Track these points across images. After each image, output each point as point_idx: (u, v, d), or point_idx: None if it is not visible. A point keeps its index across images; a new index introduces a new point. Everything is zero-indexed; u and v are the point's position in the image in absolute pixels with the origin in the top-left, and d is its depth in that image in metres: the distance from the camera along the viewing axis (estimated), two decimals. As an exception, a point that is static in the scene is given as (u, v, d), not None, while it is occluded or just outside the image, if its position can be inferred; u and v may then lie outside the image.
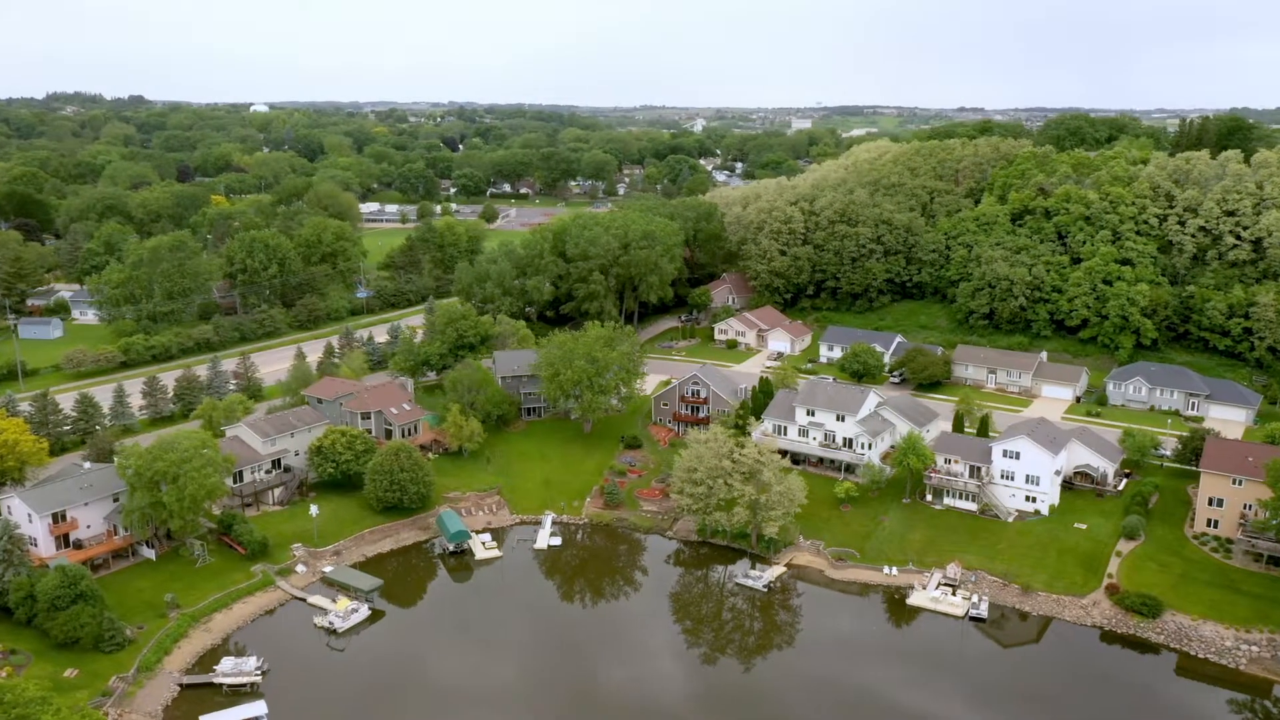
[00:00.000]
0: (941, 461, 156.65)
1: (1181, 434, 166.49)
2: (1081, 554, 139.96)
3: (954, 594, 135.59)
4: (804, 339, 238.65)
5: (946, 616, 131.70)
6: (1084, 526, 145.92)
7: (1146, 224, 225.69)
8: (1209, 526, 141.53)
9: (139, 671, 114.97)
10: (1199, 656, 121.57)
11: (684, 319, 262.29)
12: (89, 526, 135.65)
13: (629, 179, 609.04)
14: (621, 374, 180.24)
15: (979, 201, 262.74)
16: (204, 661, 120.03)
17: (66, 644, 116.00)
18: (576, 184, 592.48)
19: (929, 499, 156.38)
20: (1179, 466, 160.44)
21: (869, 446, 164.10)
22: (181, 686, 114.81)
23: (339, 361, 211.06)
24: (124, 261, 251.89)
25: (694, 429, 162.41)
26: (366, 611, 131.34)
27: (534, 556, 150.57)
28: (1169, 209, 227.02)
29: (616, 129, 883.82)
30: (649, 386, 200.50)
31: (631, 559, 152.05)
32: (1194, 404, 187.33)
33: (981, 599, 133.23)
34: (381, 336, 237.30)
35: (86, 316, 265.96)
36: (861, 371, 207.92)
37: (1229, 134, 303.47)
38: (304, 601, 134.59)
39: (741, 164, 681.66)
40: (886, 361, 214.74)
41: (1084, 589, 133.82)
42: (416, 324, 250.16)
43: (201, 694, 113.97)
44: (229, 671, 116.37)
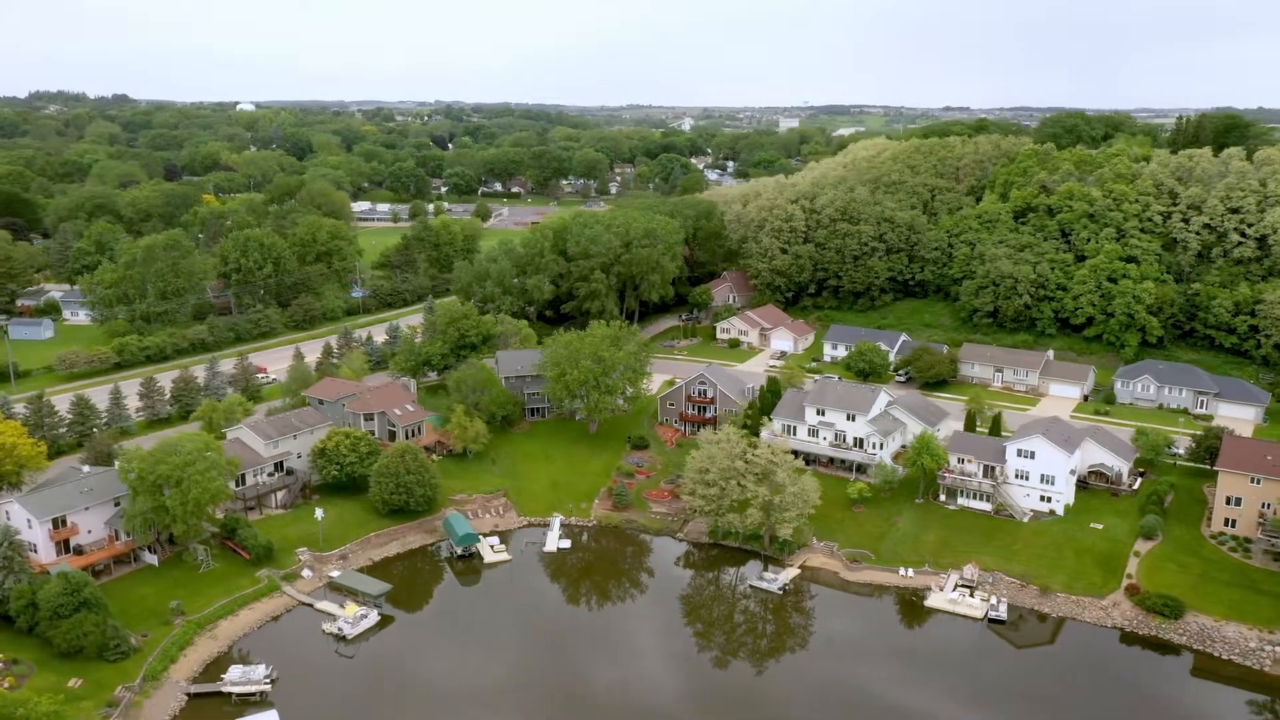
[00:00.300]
0: (955, 461, 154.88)
1: (1195, 433, 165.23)
2: (1099, 554, 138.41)
3: (972, 595, 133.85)
4: (807, 338, 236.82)
5: (965, 618, 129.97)
6: (1100, 526, 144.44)
7: (1150, 221, 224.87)
8: (1227, 526, 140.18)
9: (145, 681, 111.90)
10: (1222, 658, 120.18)
11: (684, 318, 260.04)
12: (90, 532, 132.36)
13: (620, 178, 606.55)
14: (628, 374, 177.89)
15: (980, 199, 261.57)
16: (211, 670, 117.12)
17: (70, 653, 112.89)
18: (568, 183, 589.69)
19: (942, 499, 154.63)
20: (1193, 465, 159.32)
21: (880, 446, 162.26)
22: (189, 696, 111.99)
23: (338, 362, 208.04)
24: (116, 261, 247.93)
25: (705, 429, 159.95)
26: (376, 617, 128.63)
27: (543, 559, 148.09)
28: (1173, 206, 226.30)
29: (604, 128, 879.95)
30: (653, 386, 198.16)
31: (643, 561, 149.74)
32: (1203, 402, 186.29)
33: (1000, 601, 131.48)
34: (379, 336, 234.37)
35: (78, 317, 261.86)
36: (867, 370, 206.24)
37: (1225, 131, 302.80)
38: (311, 607, 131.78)
39: (733, 163, 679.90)
40: (892, 360, 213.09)
41: (1103, 590, 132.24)
42: (414, 324, 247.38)
43: (210, 703, 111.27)
44: (237, 680, 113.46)
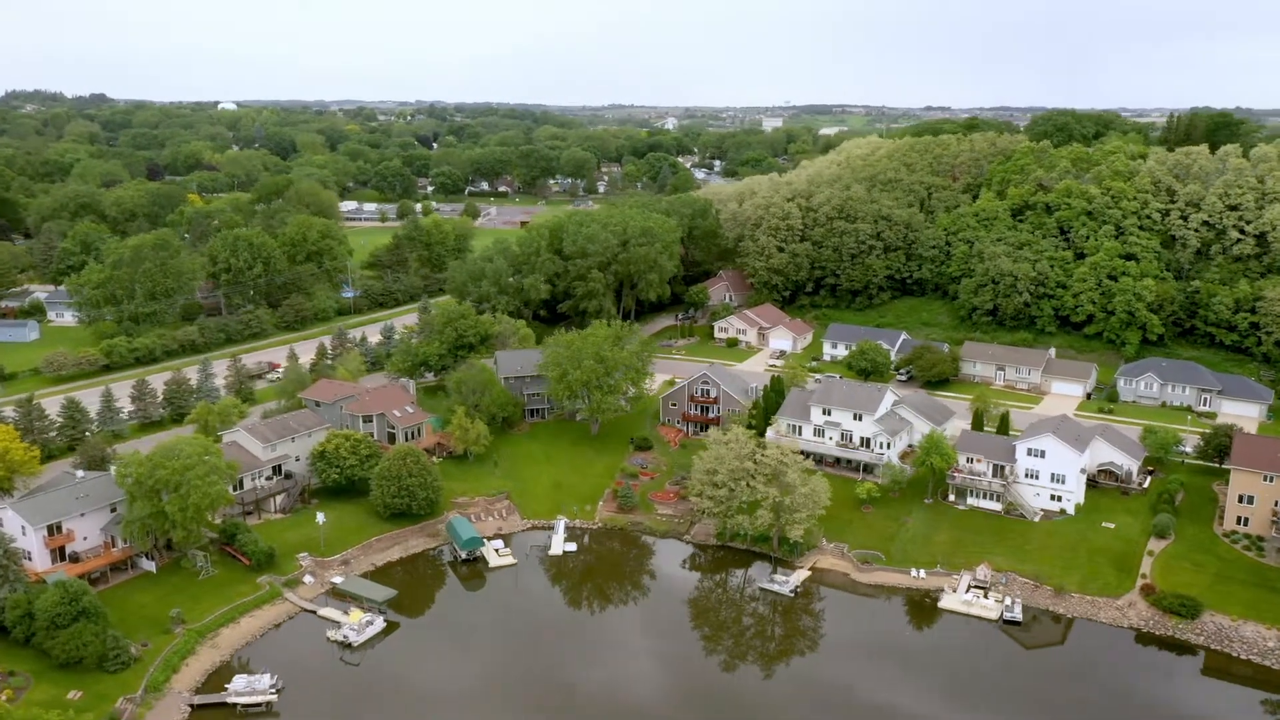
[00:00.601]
0: (963, 460, 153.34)
1: (1203, 431, 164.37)
2: (1113, 554, 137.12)
3: (986, 597, 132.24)
4: (805, 337, 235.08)
5: (980, 620, 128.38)
6: (1112, 526, 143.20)
7: (1149, 219, 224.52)
8: (1239, 524, 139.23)
9: (146, 692, 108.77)
10: (1241, 658, 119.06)
11: (681, 317, 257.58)
12: (86, 538, 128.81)
13: (607, 177, 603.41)
14: (630, 373, 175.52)
15: (977, 197, 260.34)
16: (214, 680, 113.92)
17: (68, 664, 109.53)
18: (555, 182, 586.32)
19: (952, 499, 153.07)
20: (1201, 463, 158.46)
21: (888, 446, 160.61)
22: (192, 707, 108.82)
23: (332, 363, 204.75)
24: (103, 261, 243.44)
25: (713, 429, 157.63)
26: (382, 624, 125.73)
27: (549, 563, 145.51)
28: (1171, 204, 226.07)
29: (588, 128, 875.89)
30: (652, 386, 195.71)
31: (650, 564, 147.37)
32: (1206, 400, 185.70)
33: (1015, 602, 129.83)
34: (373, 337, 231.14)
35: (64, 318, 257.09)
36: (869, 369, 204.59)
37: (1216, 129, 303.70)
38: (314, 614, 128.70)
39: (720, 162, 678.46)
40: (893, 359, 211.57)
41: (1118, 590, 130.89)
42: (408, 324, 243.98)
43: (214, 715, 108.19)
44: (242, 691, 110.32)
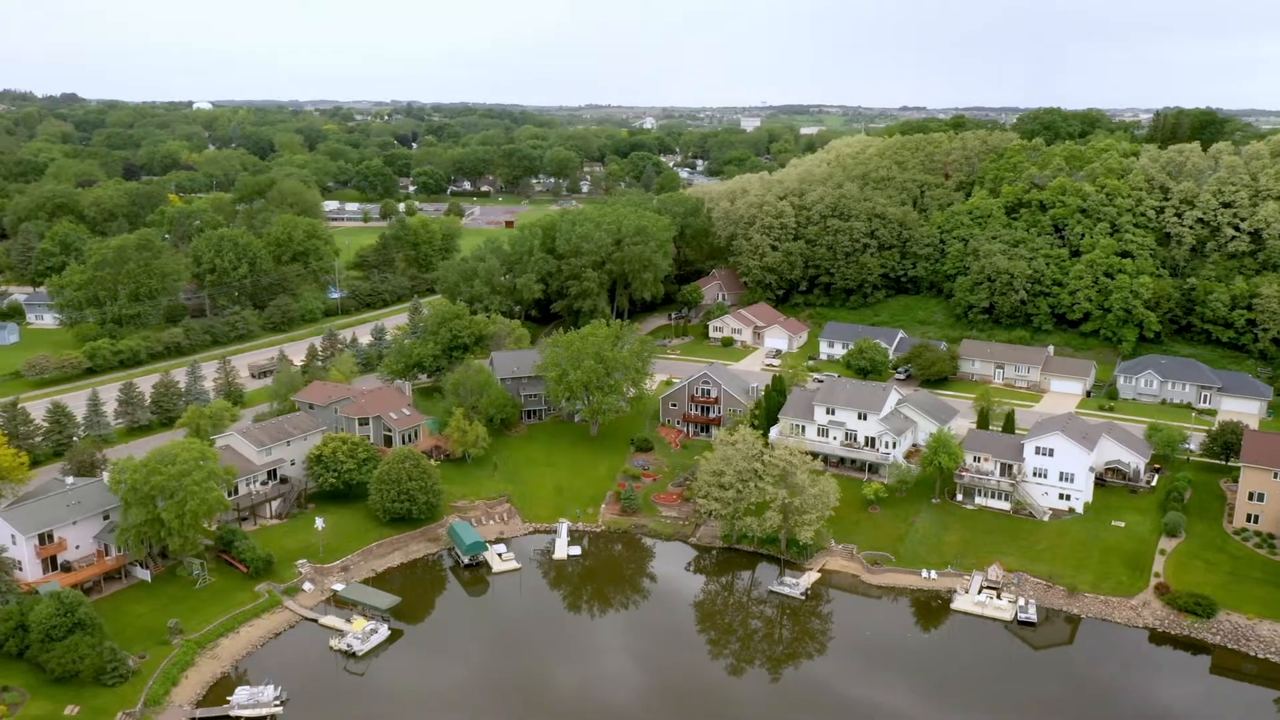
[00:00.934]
0: (970, 460, 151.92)
1: (1208, 428, 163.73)
2: (1125, 553, 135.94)
3: (999, 597, 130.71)
4: (801, 336, 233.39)
5: (994, 621, 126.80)
6: (1122, 524, 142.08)
7: (1144, 216, 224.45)
8: (1249, 522, 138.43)
9: (146, 705, 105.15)
10: (1259, 657, 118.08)
11: (674, 317, 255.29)
12: (78, 547, 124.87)
13: (590, 176, 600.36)
14: (630, 373, 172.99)
15: (969, 195, 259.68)
16: (215, 692, 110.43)
17: (64, 678, 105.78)
18: (538, 181, 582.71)
19: (959, 498, 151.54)
20: (1207, 460, 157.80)
21: (893, 445, 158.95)
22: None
23: (323, 365, 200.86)
24: (85, 262, 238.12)
25: (720, 430, 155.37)
26: (386, 632, 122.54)
27: (554, 567, 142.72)
28: (1165, 201, 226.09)
29: (566, 127, 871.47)
30: (649, 386, 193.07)
31: (657, 568, 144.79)
32: (1206, 397, 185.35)
33: (1029, 602, 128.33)
34: (363, 338, 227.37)
35: (43, 320, 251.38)
36: (868, 368, 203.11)
37: (1202, 127, 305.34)
38: (315, 622, 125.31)
39: (702, 161, 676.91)
40: (890, 358, 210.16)
41: (1131, 590, 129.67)
42: (398, 325, 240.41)
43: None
44: (245, 703, 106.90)
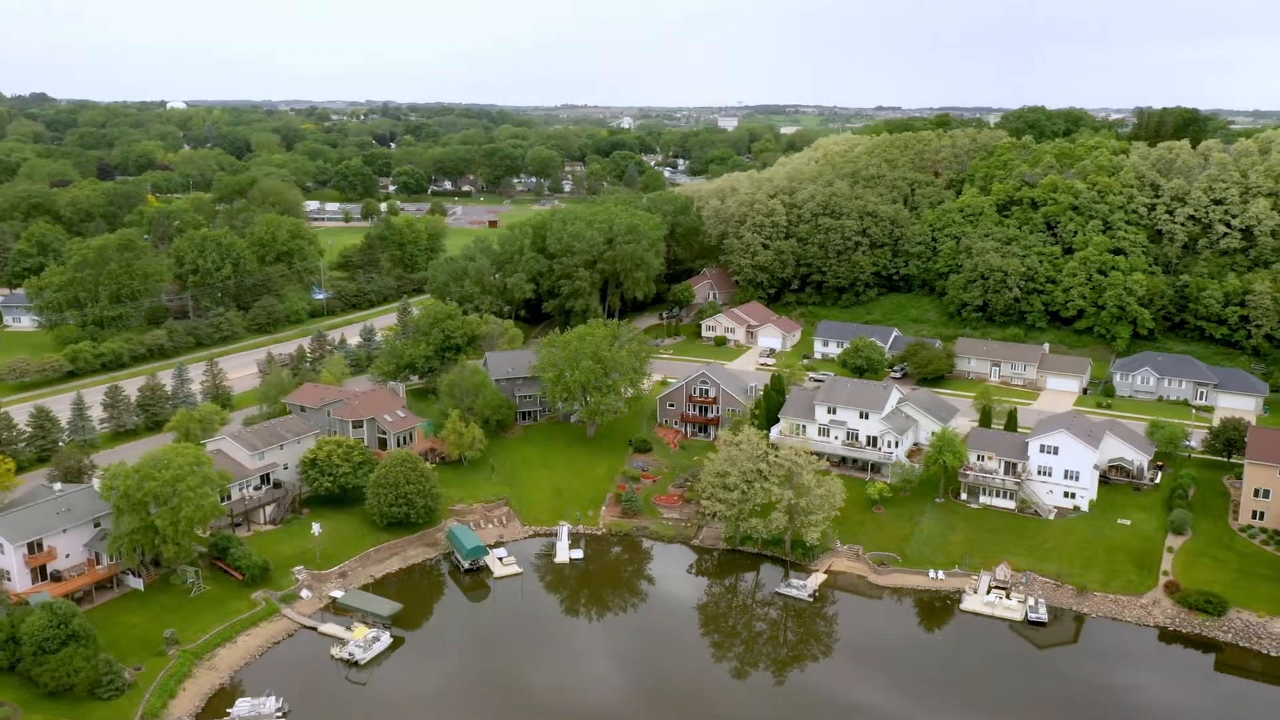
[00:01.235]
0: (974, 458, 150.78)
1: (1209, 424, 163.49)
2: (1132, 551, 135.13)
3: (1008, 597, 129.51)
4: (794, 335, 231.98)
5: (1004, 621, 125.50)
6: (1128, 522, 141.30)
7: (1135, 213, 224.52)
8: (1255, 518, 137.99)
9: (144, 719, 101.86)
10: (1271, 655, 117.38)
11: (665, 316, 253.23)
12: (68, 556, 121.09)
13: (572, 176, 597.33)
14: (629, 373, 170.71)
15: (960, 193, 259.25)
16: (215, 704, 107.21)
17: (58, 692, 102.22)
18: (519, 181, 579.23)
19: (964, 498, 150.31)
20: (1209, 457, 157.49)
21: (895, 444, 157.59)
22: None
23: (311, 366, 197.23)
24: (65, 263, 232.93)
25: (723, 430, 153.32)
26: (388, 640, 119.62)
27: (556, 571, 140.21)
28: (1156, 198, 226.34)
29: (543, 127, 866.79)
30: (645, 386, 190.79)
31: (660, 571, 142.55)
32: (1202, 394, 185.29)
33: (1039, 602, 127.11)
34: (351, 339, 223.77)
35: (21, 323, 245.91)
36: (864, 367, 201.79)
37: (1185, 126, 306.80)
38: (315, 631, 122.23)
39: (683, 160, 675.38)
40: (886, 356, 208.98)
41: (1141, 588, 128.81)
42: (386, 325, 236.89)
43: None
44: (246, 715, 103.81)
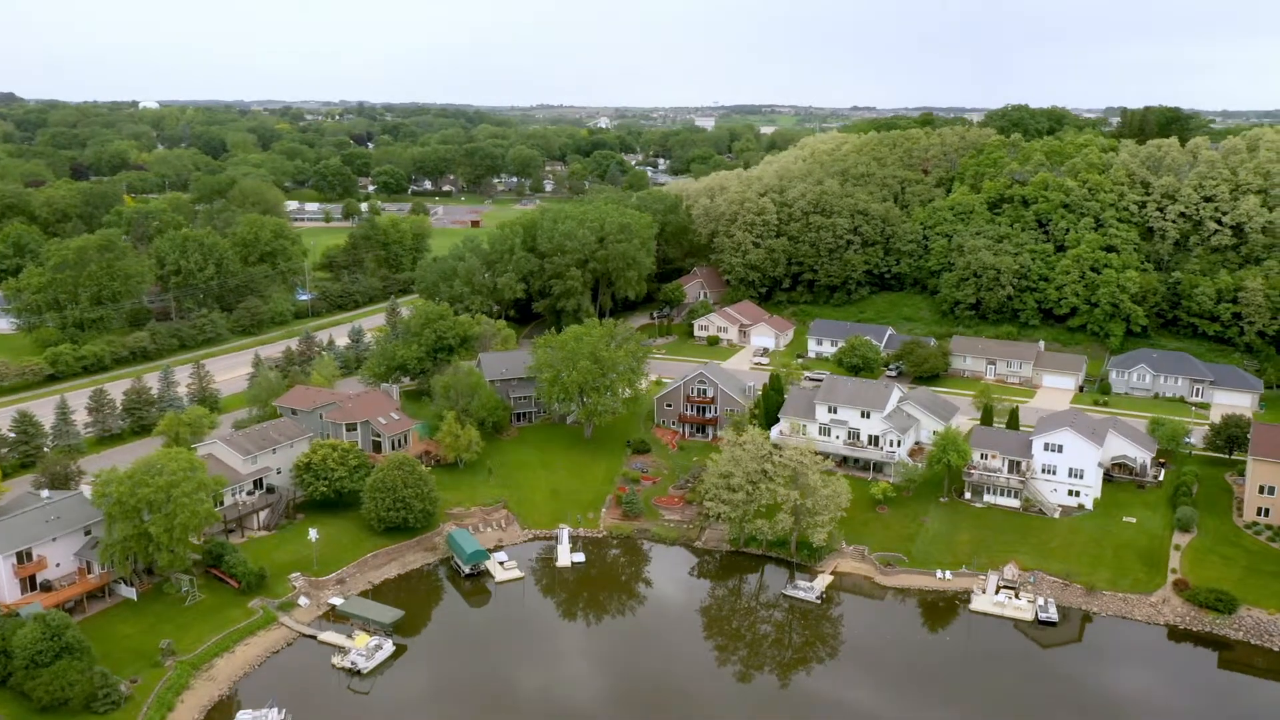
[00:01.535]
0: (977, 457, 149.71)
1: (1209, 421, 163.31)
2: (1138, 549, 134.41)
3: (1017, 597, 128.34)
4: (787, 334, 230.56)
5: (1014, 621, 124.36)
6: (1133, 520, 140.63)
7: (1127, 211, 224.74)
8: (1260, 515, 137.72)
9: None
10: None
11: (656, 315, 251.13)
12: (59, 565, 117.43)
13: (553, 175, 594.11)
14: (626, 374, 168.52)
15: (950, 191, 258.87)
16: (214, 716, 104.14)
17: (52, 707, 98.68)
18: (500, 181, 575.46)
19: (968, 497, 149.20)
20: (1210, 454, 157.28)
21: (897, 444, 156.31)
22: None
23: (300, 368, 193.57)
24: (43, 264, 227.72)
25: (725, 430, 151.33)
26: (391, 647, 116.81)
27: (558, 576, 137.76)
28: (1146, 196, 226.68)
29: (520, 127, 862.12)
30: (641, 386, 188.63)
31: (663, 574, 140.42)
32: (1198, 390, 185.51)
33: (1048, 601, 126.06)
34: (339, 340, 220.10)
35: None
36: (859, 365, 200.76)
37: (1168, 124, 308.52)
38: (314, 639, 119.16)
39: (664, 160, 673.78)
40: (882, 355, 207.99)
41: (1149, 586, 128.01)
42: (374, 326, 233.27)
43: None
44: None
